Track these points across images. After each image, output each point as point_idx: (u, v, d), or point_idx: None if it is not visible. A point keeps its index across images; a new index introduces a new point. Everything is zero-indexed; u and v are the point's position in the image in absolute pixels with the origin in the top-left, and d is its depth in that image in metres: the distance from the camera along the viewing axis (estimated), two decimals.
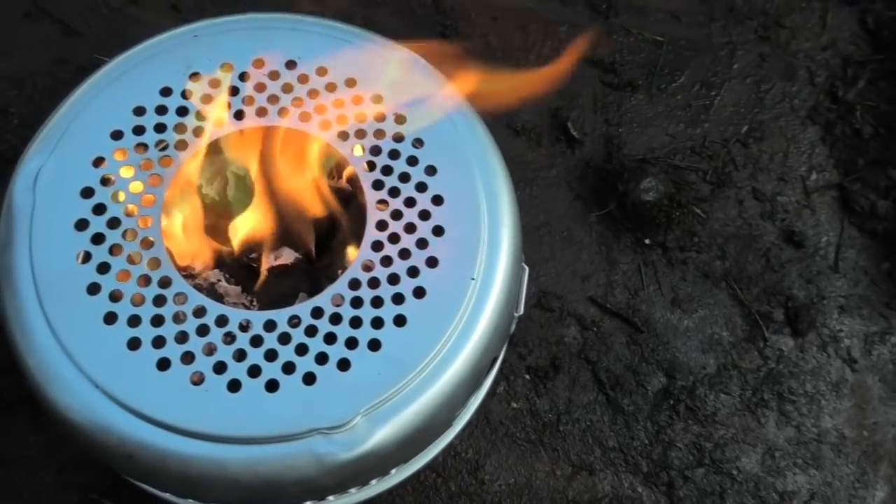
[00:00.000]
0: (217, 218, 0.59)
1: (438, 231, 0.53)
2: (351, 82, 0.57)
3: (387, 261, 0.52)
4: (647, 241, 0.82)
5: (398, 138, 0.56)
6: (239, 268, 0.62)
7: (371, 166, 0.55)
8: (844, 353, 0.81)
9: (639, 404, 0.78)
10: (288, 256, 0.62)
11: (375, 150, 0.55)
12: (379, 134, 0.56)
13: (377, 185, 0.54)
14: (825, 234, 0.85)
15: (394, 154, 0.55)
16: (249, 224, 0.59)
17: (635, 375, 0.78)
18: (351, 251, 0.58)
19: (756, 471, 0.76)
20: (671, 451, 0.76)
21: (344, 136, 0.56)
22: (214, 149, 0.56)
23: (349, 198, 0.60)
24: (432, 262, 0.52)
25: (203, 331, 0.50)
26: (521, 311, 0.59)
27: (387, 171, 0.55)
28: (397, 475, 0.61)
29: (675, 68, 0.90)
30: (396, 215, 0.54)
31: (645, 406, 0.78)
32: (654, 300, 0.81)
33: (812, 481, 0.77)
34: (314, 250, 0.62)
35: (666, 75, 0.89)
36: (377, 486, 0.61)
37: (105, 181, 0.53)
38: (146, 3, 0.88)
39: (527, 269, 0.60)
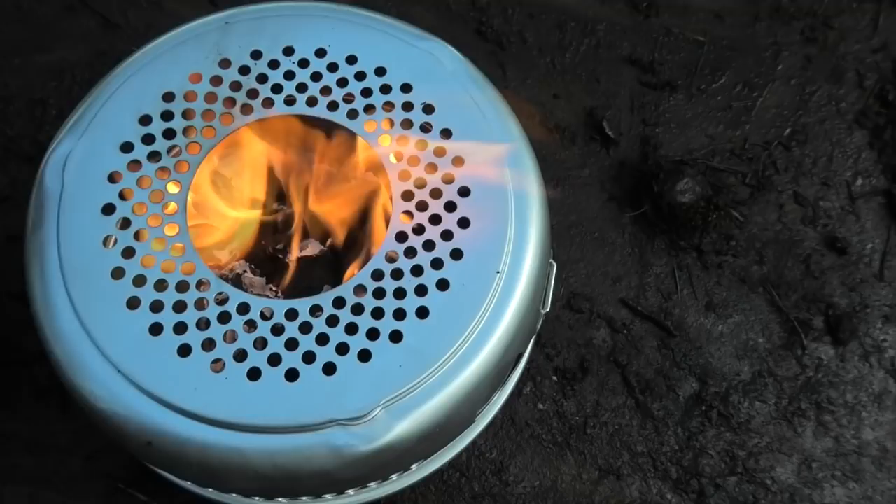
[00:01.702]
0: (243, 207, 0.59)
1: (464, 223, 0.52)
2: (380, 71, 0.56)
3: (410, 252, 0.52)
4: (681, 244, 0.80)
5: (426, 128, 0.55)
6: (265, 259, 0.62)
7: (398, 157, 0.54)
8: (888, 363, 0.78)
9: (669, 409, 0.76)
10: (314, 248, 0.62)
11: (402, 140, 0.55)
12: (406, 123, 0.55)
13: (403, 175, 0.54)
14: (870, 241, 0.82)
15: (421, 145, 0.54)
16: (275, 216, 0.59)
17: (666, 380, 0.76)
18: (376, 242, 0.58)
19: (792, 481, 0.74)
20: (702, 458, 0.74)
21: (372, 126, 0.55)
22: (242, 137, 0.56)
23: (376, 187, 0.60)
24: (457, 255, 0.51)
25: (224, 318, 0.49)
26: (548, 307, 0.58)
27: (413, 161, 0.54)
28: (418, 472, 0.60)
29: (716, 69, 0.87)
30: (422, 206, 0.53)
31: (676, 411, 0.75)
32: (687, 304, 0.79)
33: (851, 494, 0.74)
34: (341, 242, 0.62)
35: (706, 75, 0.87)
36: (398, 483, 0.60)
37: (132, 166, 0.53)
38: None
39: (555, 265, 0.58)
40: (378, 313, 0.50)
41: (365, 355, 0.49)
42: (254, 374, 0.48)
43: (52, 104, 0.83)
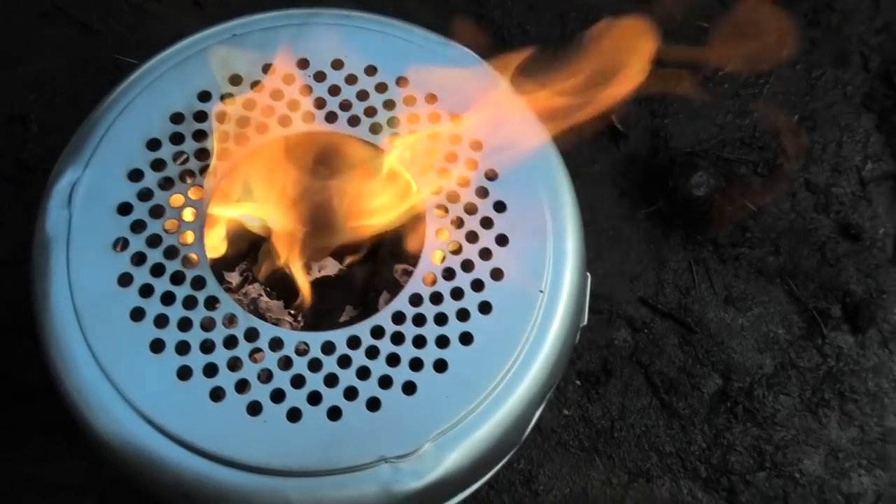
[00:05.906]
0: (263, 229, 0.56)
1: (502, 240, 0.50)
2: (403, 81, 0.53)
3: (449, 273, 0.49)
4: (697, 238, 0.79)
5: (455, 140, 0.52)
6: (280, 279, 0.59)
7: (427, 170, 0.51)
8: None
9: (695, 407, 0.74)
10: (332, 267, 0.59)
11: (430, 154, 0.52)
12: (434, 136, 0.52)
13: (434, 190, 0.51)
14: (882, 225, 0.81)
15: (451, 157, 0.52)
16: (294, 235, 0.56)
17: (690, 378, 0.75)
18: (403, 261, 0.55)
19: (820, 473, 0.73)
20: (730, 455, 0.73)
21: (397, 140, 0.52)
22: (258, 157, 0.52)
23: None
24: (497, 275, 0.49)
25: (257, 356, 0.46)
26: (586, 321, 0.56)
27: (443, 174, 0.51)
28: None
29: (722, 55, 0.85)
30: (458, 223, 0.50)
31: (701, 409, 0.74)
32: (706, 299, 0.78)
33: (878, 482, 0.73)
34: (361, 260, 0.59)
35: (713, 63, 0.85)
36: None
37: (143, 195, 0.50)
38: None
39: (590, 276, 0.56)
40: (420, 342, 0.47)
41: (410, 387, 0.46)
42: (294, 414, 0.45)
43: (33, 119, 0.78)
